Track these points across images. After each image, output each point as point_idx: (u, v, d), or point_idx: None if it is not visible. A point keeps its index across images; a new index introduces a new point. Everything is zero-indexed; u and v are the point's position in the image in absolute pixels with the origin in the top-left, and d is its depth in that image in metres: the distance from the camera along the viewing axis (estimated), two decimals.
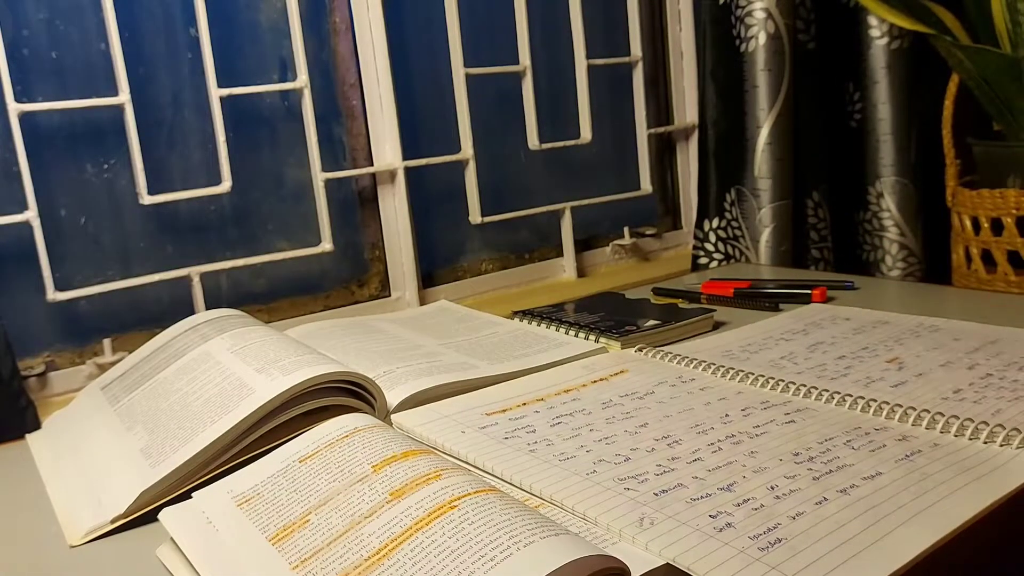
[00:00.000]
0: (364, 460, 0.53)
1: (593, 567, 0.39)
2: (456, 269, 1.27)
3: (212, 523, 0.52)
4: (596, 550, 0.40)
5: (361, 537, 0.45)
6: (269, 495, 0.53)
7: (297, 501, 0.51)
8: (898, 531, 0.45)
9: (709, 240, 1.31)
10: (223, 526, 0.51)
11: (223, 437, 0.60)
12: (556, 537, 0.41)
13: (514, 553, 0.40)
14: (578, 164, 1.36)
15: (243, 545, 0.49)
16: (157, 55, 1.03)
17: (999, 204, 1.09)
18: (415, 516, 0.45)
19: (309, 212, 1.12)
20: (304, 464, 0.55)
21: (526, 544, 0.40)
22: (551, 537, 0.41)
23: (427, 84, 1.22)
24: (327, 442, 0.57)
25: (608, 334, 0.85)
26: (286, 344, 0.73)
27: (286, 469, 0.55)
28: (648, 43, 1.41)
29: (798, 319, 0.89)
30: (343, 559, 0.44)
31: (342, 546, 0.45)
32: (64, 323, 0.99)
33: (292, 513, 0.50)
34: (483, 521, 0.43)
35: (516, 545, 0.41)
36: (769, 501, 0.49)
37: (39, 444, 0.76)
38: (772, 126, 1.21)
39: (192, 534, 0.52)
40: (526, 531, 0.42)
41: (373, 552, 0.44)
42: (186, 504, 0.55)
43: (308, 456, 0.56)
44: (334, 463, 0.54)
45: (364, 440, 0.55)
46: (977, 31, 1.13)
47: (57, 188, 0.98)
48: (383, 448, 0.54)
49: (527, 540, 0.41)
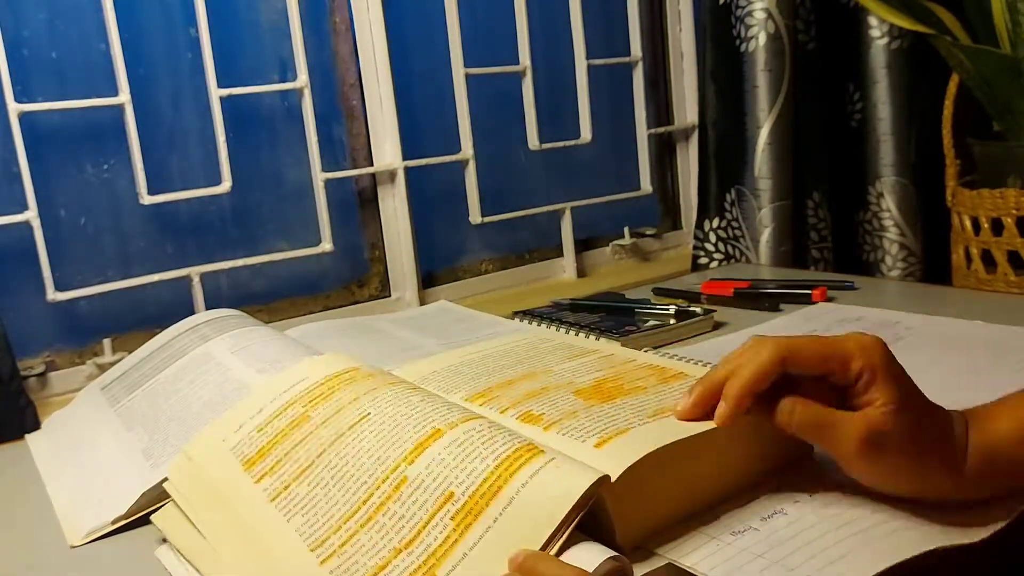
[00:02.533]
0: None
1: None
2: (456, 269, 1.27)
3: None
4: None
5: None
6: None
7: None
8: (899, 529, 0.45)
9: (709, 240, 1.30)
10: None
11: None
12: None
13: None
14: (578, 164, 1.36)
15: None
16: (157, 55, 1.03)
17: (999, 204, 1.09)
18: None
19: (309, 212, 1.12)
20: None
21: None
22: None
23: (427, 84, 1.22)
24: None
25: (608, 334, 0.85)
26: (286, 345, 0.73)
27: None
28: (648, 43, 1.41)
29: (798, 319, 0.89)
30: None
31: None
32: (64, 323, 0.99)
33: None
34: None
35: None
36: (772, 501, 0.49)
37: (39, 444, 0.76)
38: (772, 126, 1.21)
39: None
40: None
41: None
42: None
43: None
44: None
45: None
46: (977, 31, 1.13)
47: (57, 188, 0.98)
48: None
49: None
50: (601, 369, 0.61)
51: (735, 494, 0.50)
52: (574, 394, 0.56)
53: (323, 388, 0.56)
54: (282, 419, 0.54)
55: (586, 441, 0.48)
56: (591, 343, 0.71)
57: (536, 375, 0.61)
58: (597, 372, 0.61)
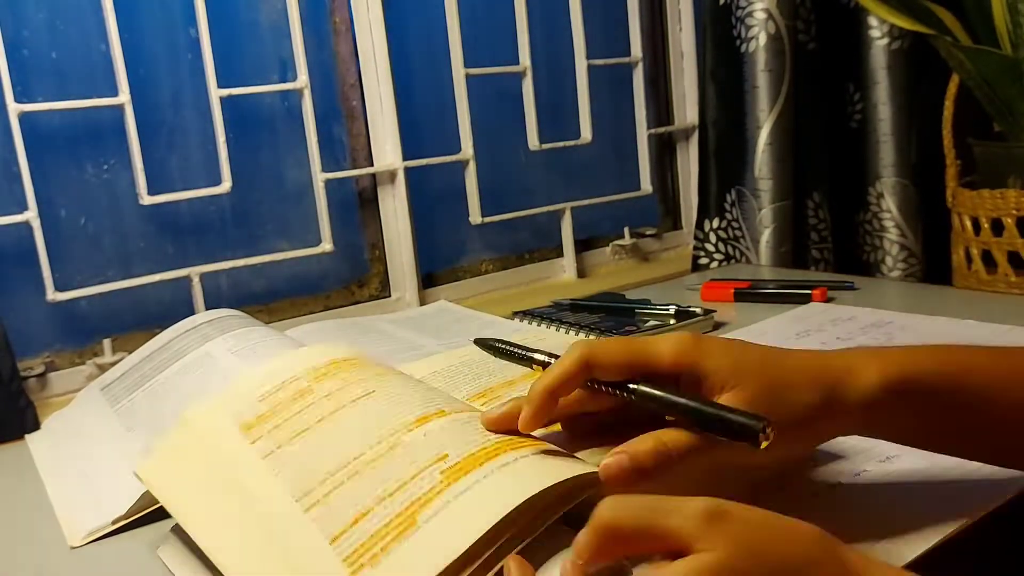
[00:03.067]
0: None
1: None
2: (456, 269, 1.27)
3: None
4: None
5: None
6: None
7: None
8: (900, 531, 0.45)
9: (709, 240, 1.30)
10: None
11: None
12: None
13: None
14: (578, 164, 1.36)
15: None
16: (157, 55, 1.03)
17: (999, 204, 1.09)
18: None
19: (309, 212, 1.12)
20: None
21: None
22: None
23: (427, 84, 1.22)
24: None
25: (608, 334, 0.85)
26: (287, 345, 0.73)
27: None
28: (648, 43, 1.41)
29: (798, 319, 0.89)
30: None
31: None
32: (64, 323, 0.99)
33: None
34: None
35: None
36: (773, 502, 0.49)
37: (39, 444, 0.76)
38: (772, 126, 1.21)
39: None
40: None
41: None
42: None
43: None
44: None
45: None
46: (977, 31, 1.13)
47: (57, 188, 0.98)
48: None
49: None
50: None
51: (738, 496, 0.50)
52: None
53: (330, 368, 0.56)
54: (284, 391, 0.54)
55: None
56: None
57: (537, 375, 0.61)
58: None
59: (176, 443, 0.54)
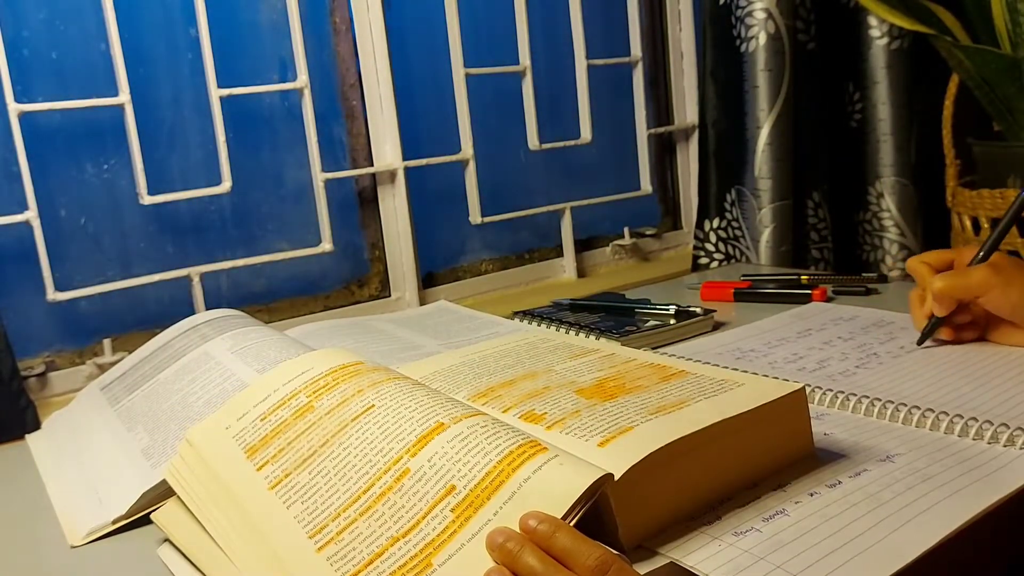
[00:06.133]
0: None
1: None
2: (456, 269, 1.27)
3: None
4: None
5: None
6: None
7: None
8: (901, 530, 0.45)
9: (709, 240, 1.30)
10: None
11: None
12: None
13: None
14: (578, 164, 1.36)
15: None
16: (157, 55, 1.03)
17: (999, 204, 1.09)
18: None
19: (309, 212, 1.12)
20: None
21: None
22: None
23: (427, 84, 1.22)
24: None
25: (608, 334, 0.85)
26: (286, 344, 0.73)
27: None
28: (648, 43, 1.41)
29: (799, 318, 0.89)
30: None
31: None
32: (64, 323, 0.99)
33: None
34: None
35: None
36: (774, 501, 0.49)
37: (39, 444, 0.76)
38: (772, 126, 1.21)
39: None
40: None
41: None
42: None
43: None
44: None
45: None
46: (977, 31, 1.13)
47: (57, 188, 0.98)
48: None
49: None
50: (602, 368, 0.61)
51: (736, 493, 0.50)
52: (576, 393, 0.56)
53: (327, 379, 0.56)
54: (286, 409, 0.54)
55: (589, 440, 0.48)
56: (592, 343, 0.71)
57: (537, 375, 0.61)
58: (598, 371, 0.61)
59: (183, 469, 0.54)
